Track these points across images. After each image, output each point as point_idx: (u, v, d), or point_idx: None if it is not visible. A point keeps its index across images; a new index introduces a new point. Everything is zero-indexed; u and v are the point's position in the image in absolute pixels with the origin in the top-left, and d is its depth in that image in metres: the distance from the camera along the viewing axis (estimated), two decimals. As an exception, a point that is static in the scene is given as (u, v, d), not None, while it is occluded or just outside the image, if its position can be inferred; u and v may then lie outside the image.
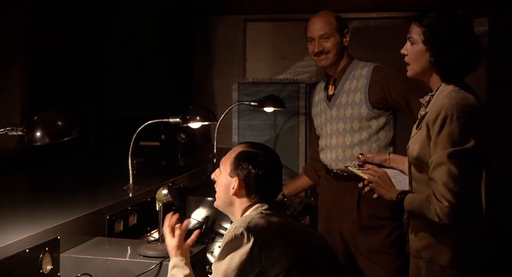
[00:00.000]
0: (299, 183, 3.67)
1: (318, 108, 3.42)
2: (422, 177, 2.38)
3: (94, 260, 2.44)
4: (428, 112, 2.37)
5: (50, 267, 2.36)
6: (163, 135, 4.99)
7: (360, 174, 2.72)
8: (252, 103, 4.45)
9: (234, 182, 2.16)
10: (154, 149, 4.88)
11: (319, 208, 3.44)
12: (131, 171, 3.19)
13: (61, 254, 2.43)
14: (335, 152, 3.27)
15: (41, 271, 2.31)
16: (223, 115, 4.39)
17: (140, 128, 3.17)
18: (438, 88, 2.40)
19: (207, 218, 3.36)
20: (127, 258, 2.45)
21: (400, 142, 3.14)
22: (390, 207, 3.08)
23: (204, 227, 3.31)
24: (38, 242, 2.31)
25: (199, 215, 3.47)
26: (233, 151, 2.22)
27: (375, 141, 3.22)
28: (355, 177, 2.79)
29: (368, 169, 2.70)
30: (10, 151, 5.87)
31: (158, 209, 2.55)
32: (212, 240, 3.23)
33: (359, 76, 3.25)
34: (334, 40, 3.26)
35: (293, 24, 6.11)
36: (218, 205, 2.25)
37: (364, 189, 2.67)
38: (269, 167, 2.17)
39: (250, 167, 2.14)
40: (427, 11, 2.38)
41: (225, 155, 2.25)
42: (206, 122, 3.57)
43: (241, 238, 2.00)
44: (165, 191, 2.52)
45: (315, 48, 3.27)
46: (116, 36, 6.47)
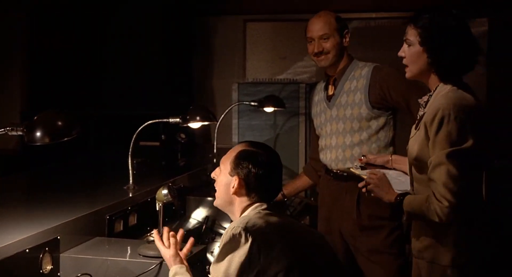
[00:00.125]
0: (299, 183, 3.67)
1: (318, 108, 3.42)
2: (423, 177, 2.37)
3: (94, 260, 2.44)
4: (426, 112, 2.37)
5: (50, 267, 2.36)
6: (163, 135, 4.98)
7: (363, 175, 2.72)
8: (252, 103, 4.45)
9: (234, 181, 2.16)
10: (154, 149, 4.88)
11: (319, 208, 3.44)
12: (131, 171, 3.19)
13: (61, 254, 2.43)
14: (335, 152, 3.27)
15: (41, 271, 2.31)
16: (223, 115, 4.38)
17: (140, 128, 3.17)
18: (436, 88, 2.40)
19: (207, 218, 3.36)
20: (127, 258, 2.45)
21: (400, 142, 3.14)
22: (390, 207, 3.08)
23: (204, 227, 3.31)
24: (38, 242, 2.30)
25: (199, 215, 3.47)
26: (233, 150, 2.22)
27: (375, 141, 3.22)
28: (355, 177, 2.79)
29: (370, 170, 2.69)
30: (10, 151, 5.87)
31: (158, 209, 2.55)
32: (212, 240, 3.23)
33: (359, 77, 3.25)
34: (333, 41, 3.26)
35: (293, 24, 6.11)
36: (218, 204, 2.25)
37: (363, 190, 2.67)
38: (269, 166, 2.17)
39: (250, 166, 2.14)
40: (422, 12, 2.38)
41: (225, 154, 2.25)
42: (206, 122, 3.57)
43: (239, 238, 2.00)
44: (165, 191, 2.52)
45: (314, 48, 3.27)
46: (116, 36, 6.47)
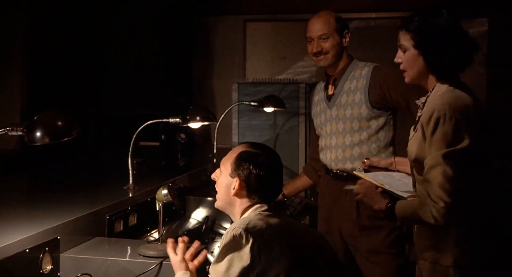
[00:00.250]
0: (299, 183, 3.67)
1: (318, 108, 3.42)
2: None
3: (94, 260, 2.44)
4: (422, 113, 2.37)
5: (50, 267, 2.36)
6: (163, 136, 4.98)
7: (367, 178, 2.72)
8: (252, 103, 4.45)
9: (235, 182, 2.15)
10: (154, 149, 4.88)
11: (319, 208, 3.44)
12: (131, 171, 3.19)
13: (61, 254, 2.43)
14: (335, 152, 3.27)
15: (41, 271, 2.31)
16: (223, 115, 4.38)
17: (140, 129, 3.17)
18: (433, 88, 2.40)
19: (207, 218, 3.36)
20: (127, 258, 2.44)
21: (400, 142, 3.14)
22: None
23: (204, 227, 3.31)
24: (38, 242, 2.30)
25: (199, 215, 3.47)
26: (233, 151, 2.21)
27: (374, 141, 3.22)
28: (355, 177, 2.79)
29: (374, 173, 2.70)
30: (10, 151, 5.86)
31: (158, 209, 2.55)
32: (212, 240, 3.23)
33: (359, 76, 3.25)
34: (333, 41, 3.26)
35: (293, 24, 6.11)
36: (219, 205, 2.24)
37: (356, 198, 2.68)
38: (270, 167, 2.16)
39: (251, 167, 2.13)
40: (412, 16, 2.39)
41: (225, 155, 2.24)
42: (206, 122, 3.57)
43: (240, 239, 1.99)
44: (165, 191, 2.52)
45: (313, 48, 3.27)
46: (116, 36, 6.47)
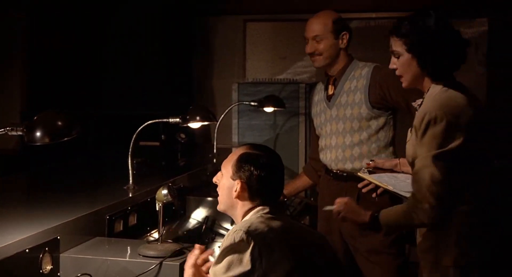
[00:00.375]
0: (299, 183, 3.67)
1: (318, 108, 3.42)
2: None
3: (94, 260, 2.44)
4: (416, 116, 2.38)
5: (50, 267, 2.36)
6: (163, 135, 4.98)
7: (371, 180, 2.72)
8: (252, 103, 4.45)
9: (236, 185, 2.14)
10: (154, 149, 4.87)
11: (319, 208, 3.44)
12: (131, 171, 3.19)
13: (61, 254, 2.43)
14: (335, 152, 3.27)
15: (41, 271, 2.31)
16: (223, 115, 4.38)
17: (140, 128, 3.17)
18: (429, 90, 2.40)
19: (207, 218, 3.36)
20: (127, 258, 2.44)
21: (400, 142, 3.14)
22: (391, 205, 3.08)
23: (204, 227, 3.31)
24: (38, 242, 2.30)
25: (199, 215, 3.47)
26: (234, 153, 2.20)
27: (374, 141, 3.22)
28: (355, 177, 2.79)
29: (378, 174, 2.70)
30: (10, 151, 5.86)
31: (158, 209, 2.55)
32: (212, 240, 3.23)
33: (359, 76, 3.25)
34: (326, 43, 3.26)
35: (293, 24, 6.11)
36: (221, 208, 2.23)
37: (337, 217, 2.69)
38: (271, 168, 2.16)
39: (252, 168, 2.12)
40: (401, 21, 2.40)
41: (225, 155, 2.24)
42: (206, 122, 3.57)
43: (240, 241, 1.99)
44: (165, 191, 2.52)
45: (308, 49, 3.29)
46: (116, 36, 6.47)
